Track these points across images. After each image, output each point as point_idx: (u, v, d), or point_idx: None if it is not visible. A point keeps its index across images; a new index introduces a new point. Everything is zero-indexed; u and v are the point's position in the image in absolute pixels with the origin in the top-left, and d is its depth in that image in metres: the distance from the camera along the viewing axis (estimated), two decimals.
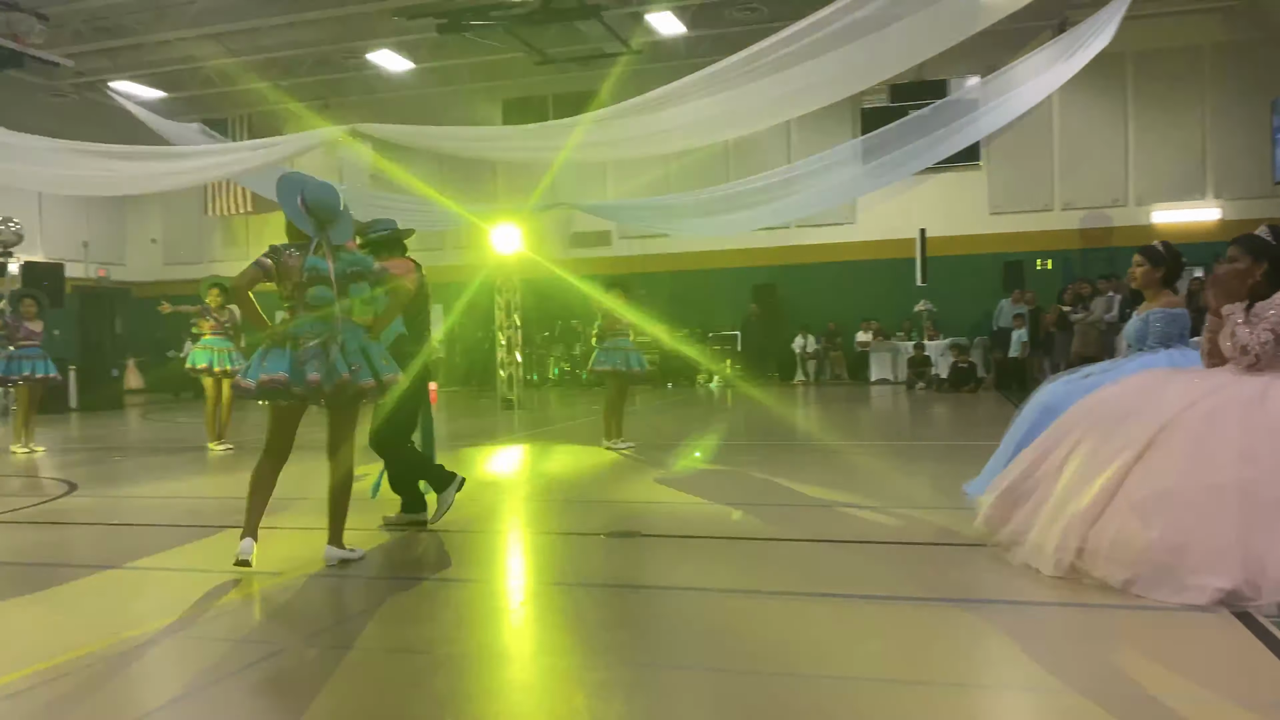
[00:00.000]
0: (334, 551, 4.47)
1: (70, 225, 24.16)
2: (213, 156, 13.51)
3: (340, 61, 22.55)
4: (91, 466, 9.18)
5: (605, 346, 9.14)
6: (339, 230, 4.43)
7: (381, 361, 4.46)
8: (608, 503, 6.42)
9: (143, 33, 19.99)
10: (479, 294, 23.03)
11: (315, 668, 3.20)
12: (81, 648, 3.35)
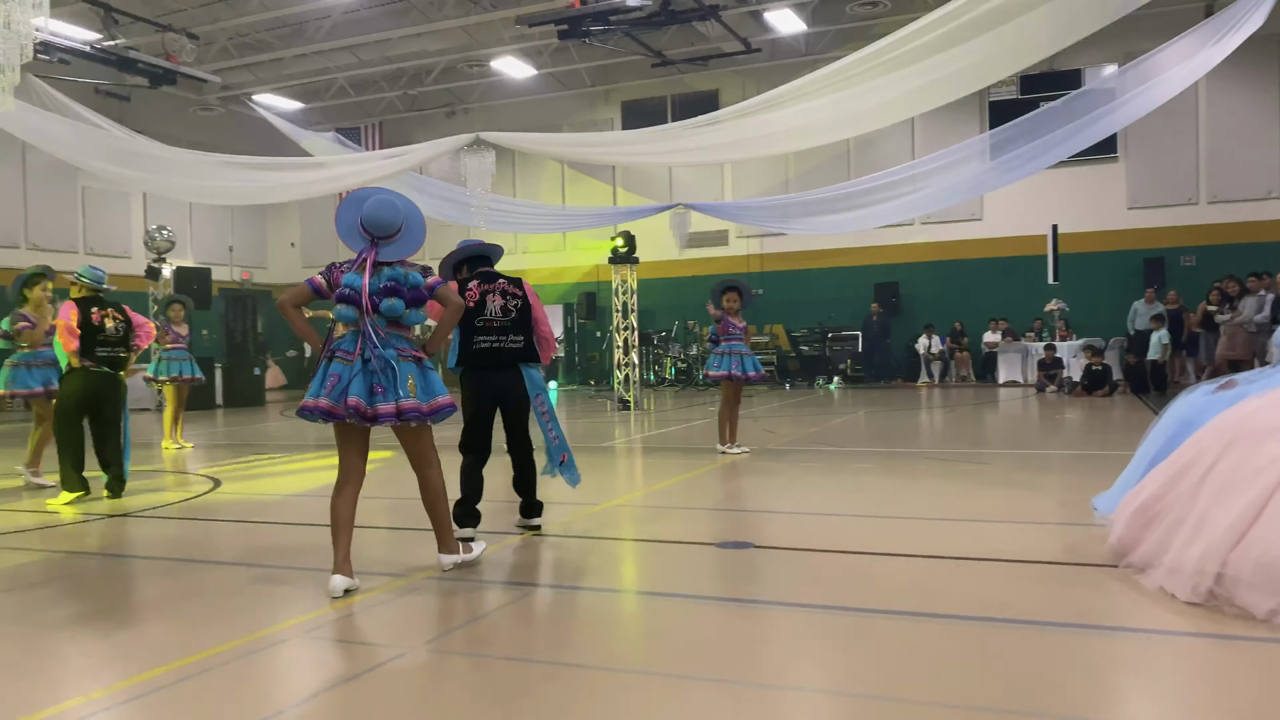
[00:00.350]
0: (446, 558, 4.55)
1: (217, 232, 25.62)
2: (347, 166, 14.08)
3: (465, 69, 23.18)
4: (235, 463, 9.72)
5: (719, 351, 9.12)
6: (393, 248, 4.34)
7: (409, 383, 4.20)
8: (720, 511, 6.42)
9: (281, 48, 21.00)
10: (597, 293, 23.38)
11: (434, 672, 3.32)
12: (221, 644, 3.56)
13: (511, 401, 5.34)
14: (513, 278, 5.39)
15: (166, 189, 16.62)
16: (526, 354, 5.31)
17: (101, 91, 21.34)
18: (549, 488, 7.53)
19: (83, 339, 7.13)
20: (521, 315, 5.27)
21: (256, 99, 22.35)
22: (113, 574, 5.02)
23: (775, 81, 10.85)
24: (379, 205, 4.33)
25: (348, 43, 20.64)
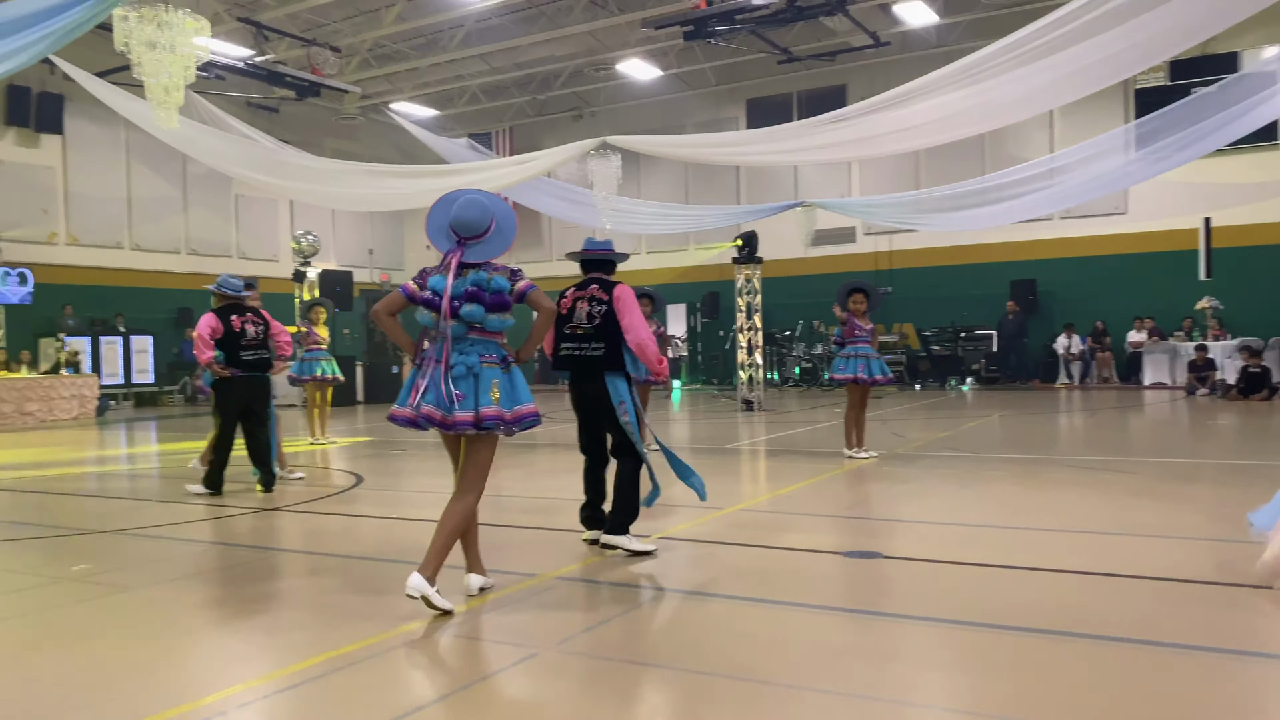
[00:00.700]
0: (415, 580, 4.02)
1: (358, 236, 26.78)
2: (480, 172, 14.49)
3: (591, 73, 23.50)
4: (376, 460, 10.16)
5: (845, 353, 8.99)
6: (480, 248, 4.19)
7: (492, 390, 4.07)
8: (846, 518, 6.34)
9: (417, 57, 21.78)
10: (721, 292, 23.34)
11: (562, 673, 3.41)
12: (364, 639, 3.76)
13: (589, 409, 5.22)
14: (610, 283, 5.20)
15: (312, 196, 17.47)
16: (608, 362, 5.07)
17: (253, 104, 22.62)
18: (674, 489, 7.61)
19: (227, 347, 7.52)
20: (605, 322, 5.07)
21: (394, 107, 23.27)
22: (264, 567, 5.34)
23: (905, 76, 10.59)
24: (466, 205, 4.21)
25: (479, 51, 21.25)
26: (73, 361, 18.89)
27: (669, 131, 23.92)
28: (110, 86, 13.64)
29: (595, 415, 5.22)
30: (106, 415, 18.61)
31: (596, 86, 24.56)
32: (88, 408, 17.94)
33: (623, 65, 22.23)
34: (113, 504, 7.78)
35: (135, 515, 6.96)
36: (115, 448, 13.04)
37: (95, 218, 21.53)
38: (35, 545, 6.01)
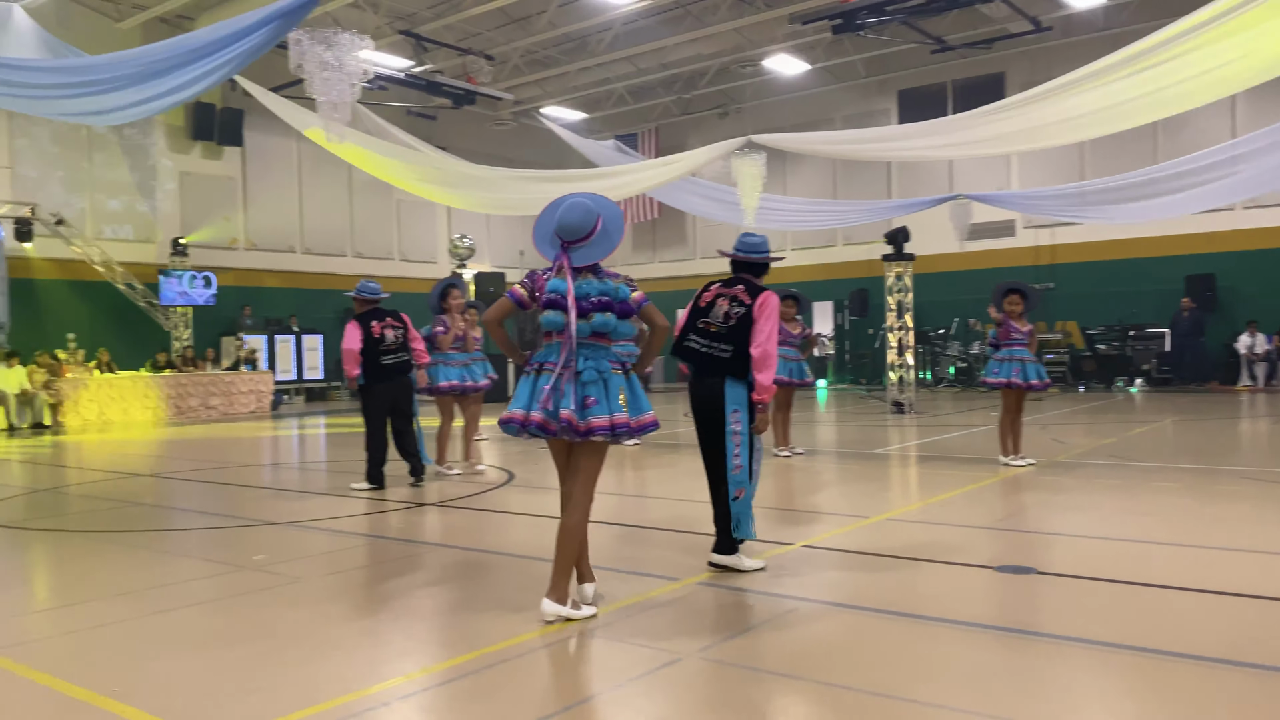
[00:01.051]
0: (549, 606, 4.04)
1: (510, 238, 27.59)
2: (627, 174, 14.71)
3: (737, 70, 23.44)
4: (528, 458, 10.47)
5: (999, 356, 8.67)
6: (583, 251, 4.13)
7: (620, 397, 4.04)
8: (999, 530, 6.13)
9: (567, 62, 22.25)
10: (870, 289, 22.84)
11: (706, 679, 3.46)
12: (513, 637, 3.91)
13: (705, 412, 5.00)
14: (758, 287, 5.00)
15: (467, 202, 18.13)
16: (733, 366, 4.85)
17: (413, 113, 23.64)
18: (818, 495, 7.54)
19: (368, 352, 7.91)
20: (740, 325, 4.85)
21: (544, 112, 23.87)
22: (421, 561, 5.61)
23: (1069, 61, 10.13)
24: (570, 208, 4.13)
25: (627, 53, 21.53)
26: (251, 359, 20.30)
27: (817, 126, 23.60)
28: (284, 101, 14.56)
29: (709, 419, 5.00)
30: (280, 409, 19.90)
31: (742, 83, 24.47)
32: (264, 402, 19.23)
33: (769, 61, 22.06)
34: (286, 496, 8.33)
35: (305, 508, 7.44)
36: (288, 441, 13.93)
37: (271, 224, 23.03)
38: (221, 534, 6.52)
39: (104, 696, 3.34)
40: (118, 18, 18.59)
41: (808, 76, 23.38)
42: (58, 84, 11.70)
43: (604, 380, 4.04)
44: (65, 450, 12.69)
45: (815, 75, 23.36)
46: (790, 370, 9.66)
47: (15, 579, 5.54)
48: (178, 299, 20.24)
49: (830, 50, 22.01)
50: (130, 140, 20.46)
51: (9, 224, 18.20)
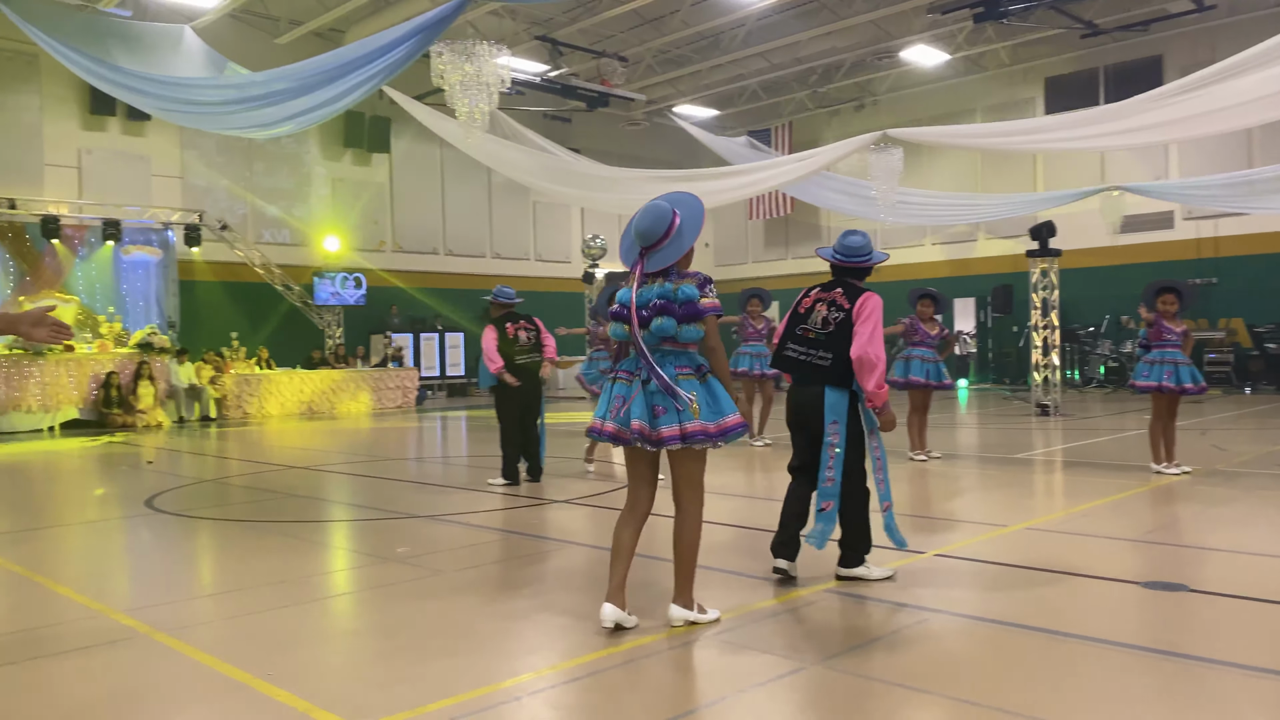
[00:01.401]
0: (677, 611, 4.09)
1: None
2: (759, 171, 14.64)
3: (874, 63, 22.97)
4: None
5: (1150, 359, 8.22)
6: (658, 256, 4.01)
7: (692, 403, 3.89)
8: (1149, 543, 5.82)
9: (699, 60, 22.28)
10: (1014, 285, 21.97)
11: (826, 690, 3.44)
12: (642, 637, 3.98)
13: (803, 421, 4.84)
14: (857, 289, 4.80)
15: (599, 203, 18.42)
16: (834, 374, 4.68)
17: (548, 116, 24.16)
18: (955, 501, 7.33)
19: (502, 353, 8.29)
20: (839, 331, 4.67)
21: (677, 110, 23.98)
22: (554, 557, 5.75)
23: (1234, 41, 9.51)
24: (644, 213, 4.02)
25: (761, 48, 21.40)
26: (397, 356, 21.22)
27: (958, 117, 22.86)
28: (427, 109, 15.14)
29: (807, 430, 4.83)
30: (424, 404, 20.72)
31: (879, 75, 23.94)
32: (409, 398, 20.06)
33: (907, 52, 21.51)
34: (428, 490, 8.68)
35: (445, 502, 7.74)
36: (431, 435, 14.50)
37: (416, 227, 23.98)
38: (368, 526, 6.87)
39: (259, 679, 3.59)
40: (276, 34, 19.72)
41: (947, 66, 22.68)
42: (223, 100, 12.55)
43: (671, 389, 3.89)
44: (228, 442, 13.59)
45: (955, 65, 22.64)
46: (927, 371, 9.42)
47: (185, 565, 5.99)
48: (330, 299, 21.34)
49: (971, 39, 21.29)
50: (287, 149, 21.68)
51: (179, 230, 19.58)
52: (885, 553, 5.19)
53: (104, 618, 4.51)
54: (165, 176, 20.11)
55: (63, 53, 13.17)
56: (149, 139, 19.86)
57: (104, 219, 18.37)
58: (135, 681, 3.68)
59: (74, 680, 3.69)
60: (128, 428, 15.67)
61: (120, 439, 14.11)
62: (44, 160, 18.59)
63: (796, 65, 22.87)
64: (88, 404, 16.04)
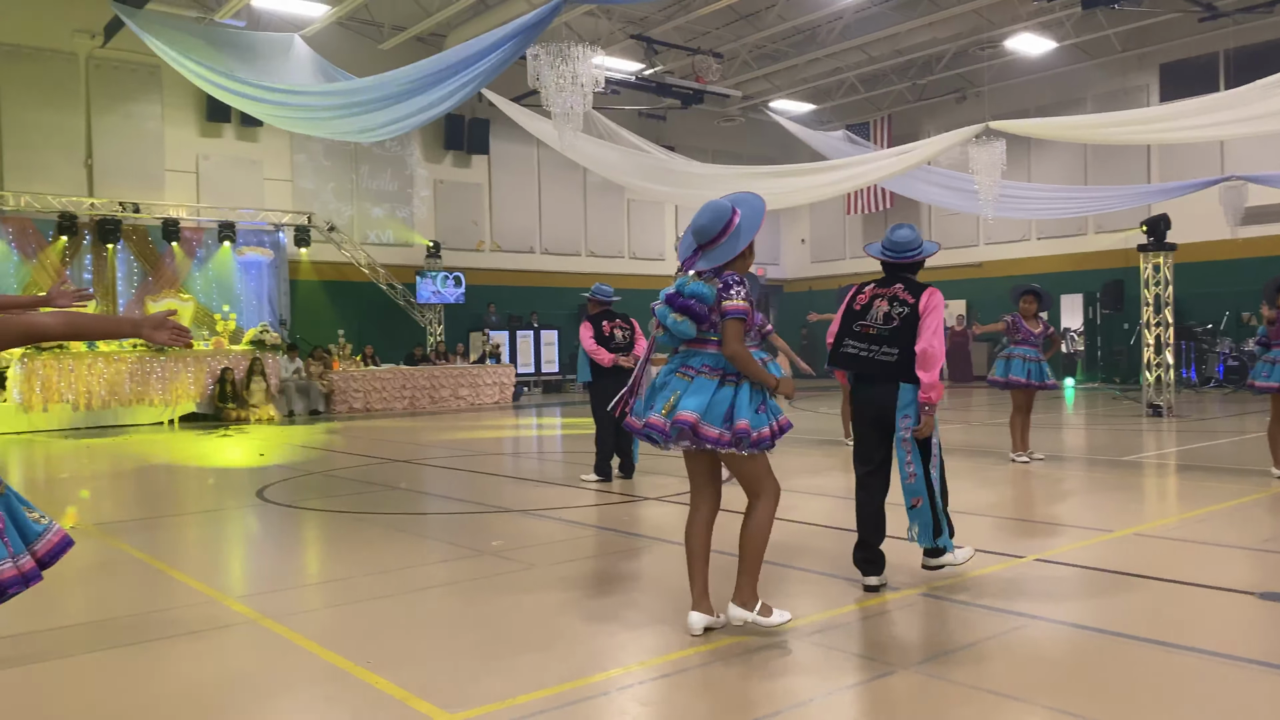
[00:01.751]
0: (736, 611, 3.96)
1: None
2: (859, 166, 14.43)
3: (976, 53, 22.36)
4: None
5: (1269, 358, 7.81)
6: (712, 255, 3.95)
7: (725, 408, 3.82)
8: (1266, 553, 5.53)
9: (796, 55, 22.05)
10: (1125, 280, 21.11)
11: (917, 695, 3.38)
12: (727, 637, 3.98)
13: (872, 418, 4.73)
14: (919, 284, 4.73)
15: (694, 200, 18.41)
16: (902, 370, 4.59)
17: (643, 114, 24.26)
18: (1058, 505, 7.09)
19: None
20: (905, 326, 4.59)
21: (773, 106, 23.78)
22: (645, 554, 5.79)
23: None
24: (703, 210, 3.99)
25: (859, 41, 21.06)
26: (495, 353, 21.63)
27: (1065, 107, 22.08)
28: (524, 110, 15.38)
29: (877, 426, 4.73)
30: (520, 400, 21.07)
31: (981, 66, 23.28)
32: (506, 394, 20.43)
33: (1011, 41, 20.86)
34: (523, 484, 8.84)
35: (540, 497, 7.87)
36: (527, 431, 14.75)
37: (513, 226, 24.39)
38: (465, 519, 7.03)
39: (359, 666, 3.72)
40: (379, 40, 20.31)
41: (1054, 55, 21.90)
42: (331, 106, 13.00)
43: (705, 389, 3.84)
44: (334, 436, 14.08)
45: (1063, 53, 21.84)
46: (1029, 371, 9.14)
47: (292, 554, 6.24)
48: (431, 298, 21.89)
49: (1080, 25, 20.52)
50: (391, 152, 22.32)
51: (290, 231, 20.36)
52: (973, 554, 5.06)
53: (217, 604, 4.75)
54: (276, 180, 20.94)
55: (182, 64, 13.86)
56: (261, 144, 20.70)
57: (219, 221, 19.24)
58: (244, 665, 3.87)
59: (188, 662, 3.90)
60: (241, 421, 16.38)
61: (233, 432, 14.76)
62: (164, 166, 19.56)
63: (896, 57, 22.43)
64: (204, 398, 16.82)
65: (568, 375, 24.26)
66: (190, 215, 19.29)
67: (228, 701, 3.45)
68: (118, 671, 3.82)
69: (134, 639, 4.19)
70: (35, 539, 2.33)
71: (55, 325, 2.58)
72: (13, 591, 2.17)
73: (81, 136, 18.66)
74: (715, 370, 3.91)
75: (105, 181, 18.73)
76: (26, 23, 17.92)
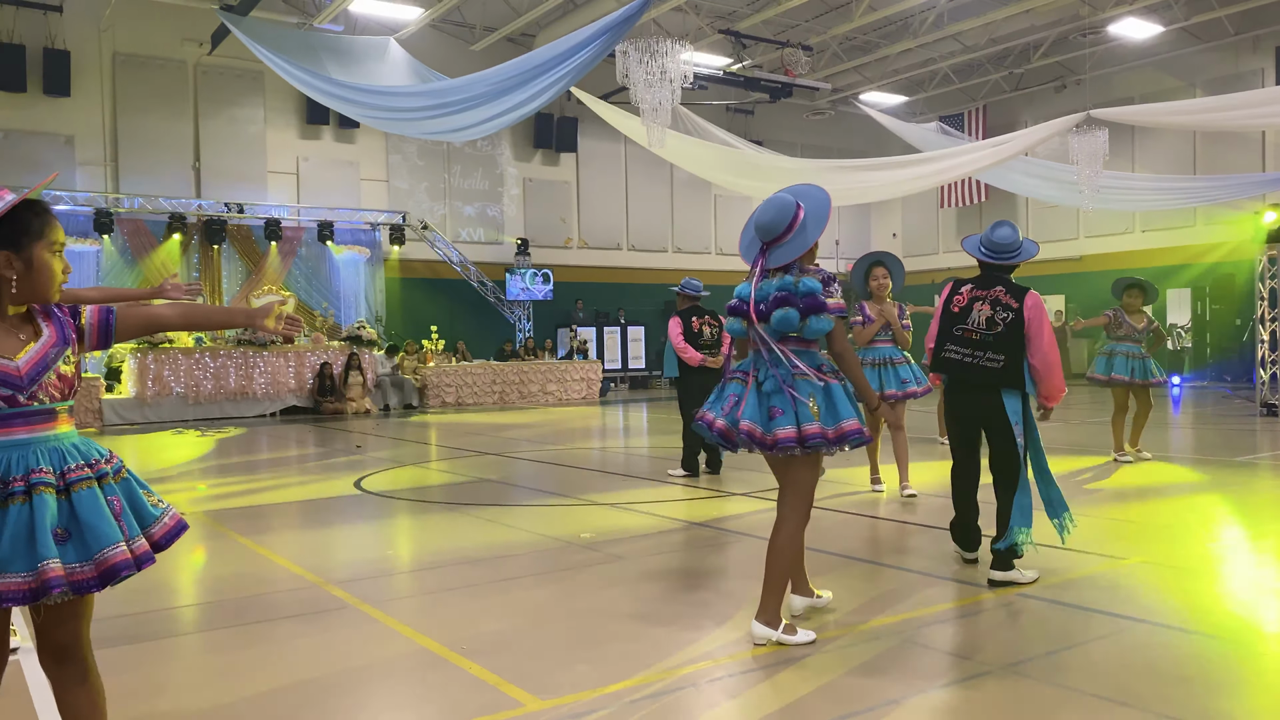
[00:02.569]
0: (759, 629, 3.82)
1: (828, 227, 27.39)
2: (954, 158, 14.13)
3: (1077, 40, 21.62)
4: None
5: None
6: (780, 251, 3.83)
7: (810, 405, 3.69)
8: None
9: (887, 46, 21.65)
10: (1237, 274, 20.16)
11: (1012, 693, 3.29)
12: (837, 630, 3.95)
13: (974, 420, 4.78)
14: (1020, 288, 4.67)
15: None
16: (1008, 377, 4.56)
17: (730, 109, 24.15)
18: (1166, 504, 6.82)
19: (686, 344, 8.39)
20: (1010, 332, 4.55)
21: (863, 98, 23.40)
22: (730, 549, 5.77)
23: None
24: (765, 207, 3.86)
25: (953, 30, 20.56)
26: (583, 349, 21.83)
27: (1172, 93, 21.18)
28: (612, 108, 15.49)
29: (983, 427, 4.77)
30: (607, 396, 21.22)
31: (1082, 53, 22.49)
32: (593, 389, 20.60)
33: (1115, 26, 20.09)
34: (610, 478, 8.90)
35: (627, 490, 7.91)
36: (614, 426, 14.84)
37: (600, 223, 24.56)
38: (554, 511, 7.12)
39: (453, 652, 3.81)
40: (471, 40, 20.67)
41: (1161, 40, 21.02)
42: (425, 106, 13.30)
43: (787, 389, 3.71)
44: (427, 429, 14.40)
45: (1170, 38, 20.95)
46: (1132, 369, 8.80)
47: (388, 542, 6.42)
48: (521, 294, 22.20)
49: (1189, 8, 19.64)
50: (482, 151, 22.70)
51: (385, 230, 20.89)
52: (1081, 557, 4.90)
53: (318, 588, 4.91)
54: (372, 180, 21.51)
55: (283, 68, 14.34)
56: (358, 145, 21.29)
57: (318, 221, 19.87)
58: (345, 648, 3.99)
59: (292, 643, 4.04)
60: (338, 414, 16.89)
61: (332, 425, 15.23)
62: (267, 168, 20.27)
63: (991, 46, 21.83)
64: (304, 392, 17.40)
65: (653, 371, 24.33)
66: (291, 215, 19.96)
67: (332, 682, 3.57)
68: (226, 652, 3.99)
69: (239, 620, 4.37)
70: (152, 522, 2.43)
71: (173, 316, 2.71)
72: (125, 574, 2.28)
73: (190, 140, 19.48)
74: (816, 371, 3.79)
75: (212, 183, 19.52)
76: (140, 33, 18.79)
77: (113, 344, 2.55)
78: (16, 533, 2.19)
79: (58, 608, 2.30)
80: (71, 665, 2.38)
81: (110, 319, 2.49)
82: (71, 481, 2.28)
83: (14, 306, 2.35)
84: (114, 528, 2.28)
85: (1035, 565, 4.77)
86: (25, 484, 2.22)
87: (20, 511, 2.20)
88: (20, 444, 2.25)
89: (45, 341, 2.34)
